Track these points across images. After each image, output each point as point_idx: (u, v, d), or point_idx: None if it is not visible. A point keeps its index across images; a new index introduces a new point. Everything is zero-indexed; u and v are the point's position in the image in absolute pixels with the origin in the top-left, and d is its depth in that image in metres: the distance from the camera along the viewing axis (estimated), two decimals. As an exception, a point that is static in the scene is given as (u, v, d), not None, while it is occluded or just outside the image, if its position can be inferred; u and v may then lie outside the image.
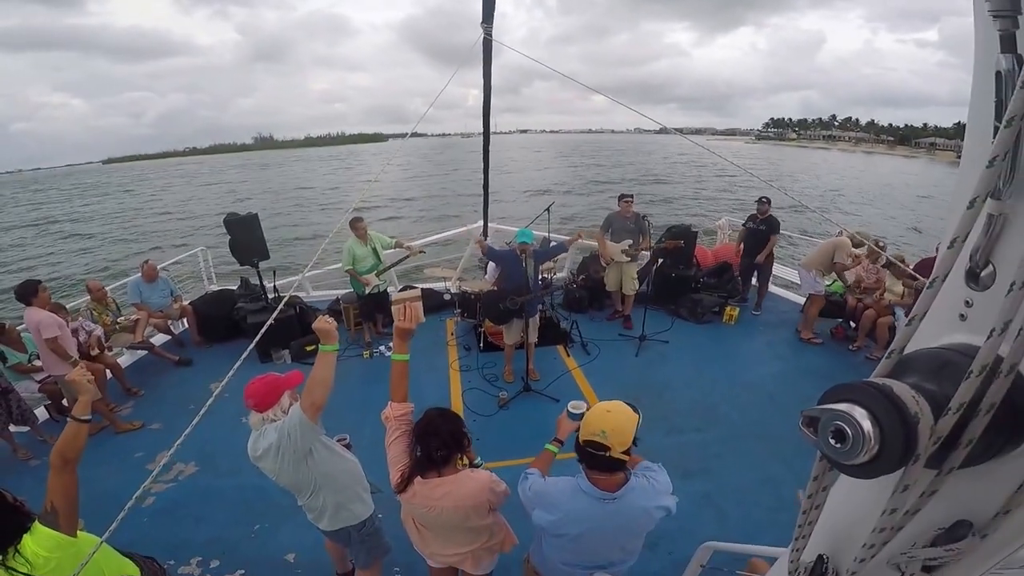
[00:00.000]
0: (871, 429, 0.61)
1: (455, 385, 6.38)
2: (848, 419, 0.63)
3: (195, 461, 4.97)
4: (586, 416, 2.22)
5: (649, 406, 5.77)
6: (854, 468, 0.64)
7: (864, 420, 0.62)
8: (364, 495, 3.04)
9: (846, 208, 33.68)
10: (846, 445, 0.63)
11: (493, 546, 2.76)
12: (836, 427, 0.64)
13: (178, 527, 4.24)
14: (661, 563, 3.64)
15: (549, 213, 7.25)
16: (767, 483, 4.58)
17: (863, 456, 0.62)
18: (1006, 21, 0.67)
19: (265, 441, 2.67)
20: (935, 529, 0.77)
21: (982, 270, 0.73)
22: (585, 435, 2.15)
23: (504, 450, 4.80)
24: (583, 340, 7.23)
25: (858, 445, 0.62)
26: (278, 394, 2.70)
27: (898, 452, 0.62)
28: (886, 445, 0.61)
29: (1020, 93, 0.61)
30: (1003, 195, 0.68)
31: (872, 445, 0.61)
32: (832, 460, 0.67)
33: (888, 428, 0.61)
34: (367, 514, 3.02)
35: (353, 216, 6.84)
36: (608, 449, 2.09)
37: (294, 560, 3.86)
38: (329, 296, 8.78)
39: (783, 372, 6.56)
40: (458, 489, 2.46)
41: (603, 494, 2.16)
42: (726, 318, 7.93)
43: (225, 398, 5.93)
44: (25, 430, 5.40)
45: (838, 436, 0.64)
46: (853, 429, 0.62)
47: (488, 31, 4.54)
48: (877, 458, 0.62)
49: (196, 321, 7.55)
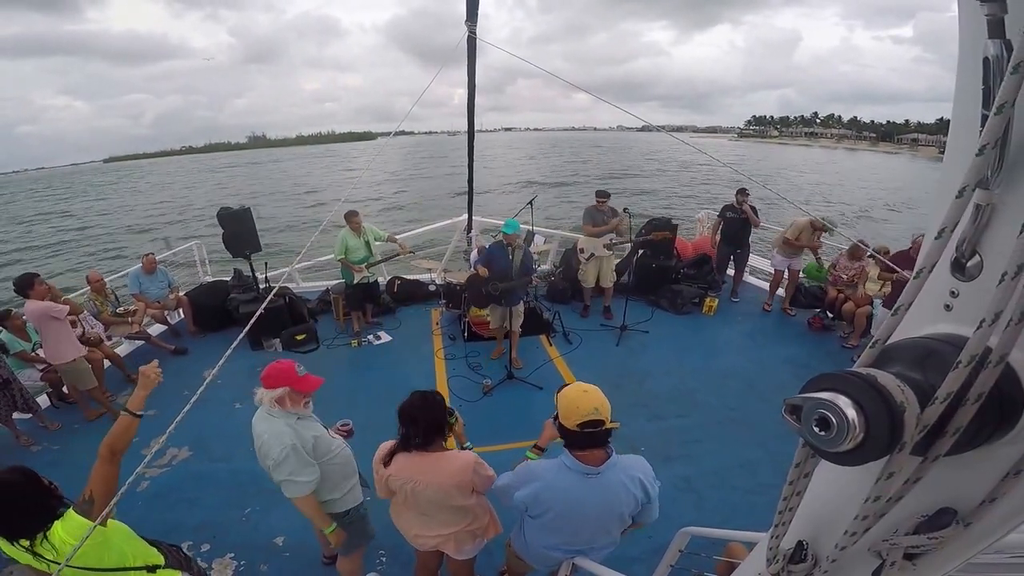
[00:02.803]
0: (856, 417, 0.59)
1: (440, 373, 6.35)
2: (832, 407, 0.60)
3: (188, 446, 4.93)
4: (568, 403, 2.19)
5: (631, 393, 5.93)
6: (838, 456, 0.61)
7: (848, 408, 0.59)
8: (350, 487, 2.95)
9: (822, 202, 34.07)
10: (830, 433, 0.60)
11: (476, 530, 2.73)
12: (820, 415, 0.61)
13: (171, 511, 4.19)
14: (640, 548, 3.61)
15: (532, 206, 7.23)
16: (745, 467, 4.60)
17: (847, 444, 0.59)
18: (993, 5, 0.63)
19: (258, 429, 2.67)
20: (918, 516, 0.74)
21: (968, 260, 0.70)
22: (578, 418, 2.13)
23: (489, 436, 4.75)
24: (565, 330, 7.21)
25: (843, 433, 0.59)
26: (278, 382, 2.62)
27: (884, 440, 0.59)
28: (871, 433, 0.59)
29: (1010, 79, 0.57)
30: (991, 184, 0.65)
31: (857, 433, 0.58)
32: (815, 447, 0.64)
33: (874, 416, 0.59)
34: (352, 504, 2.95)
35: (349, 209, 6.88)
36: (603, 422, 2.12)
37: (283, 543, 3.83)
38: (319, 287, 8.78)
39: (761, 360, 6.59)
40: (442, 466, 2.45)
41: (588, 469, 2.16)
42: (706, 309, 7.92)
43: (218, 385, 5.92)
44: (28, 417, 5.34)
45: (822, 424, 0.61)
46: (838, 417, 0.59)
47: (472, 29, 4.51)
48: (862, 446, 0.59)
49: (191, 311, 7.50)
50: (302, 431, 2.62)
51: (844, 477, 0.86)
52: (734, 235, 8.08)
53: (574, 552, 2.39)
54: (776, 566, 0.99)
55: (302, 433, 2.62)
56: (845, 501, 0.84)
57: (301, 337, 6.98)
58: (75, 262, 22.65)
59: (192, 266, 9.48)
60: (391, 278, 8.72)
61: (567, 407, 2.18)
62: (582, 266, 7.61)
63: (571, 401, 2.17)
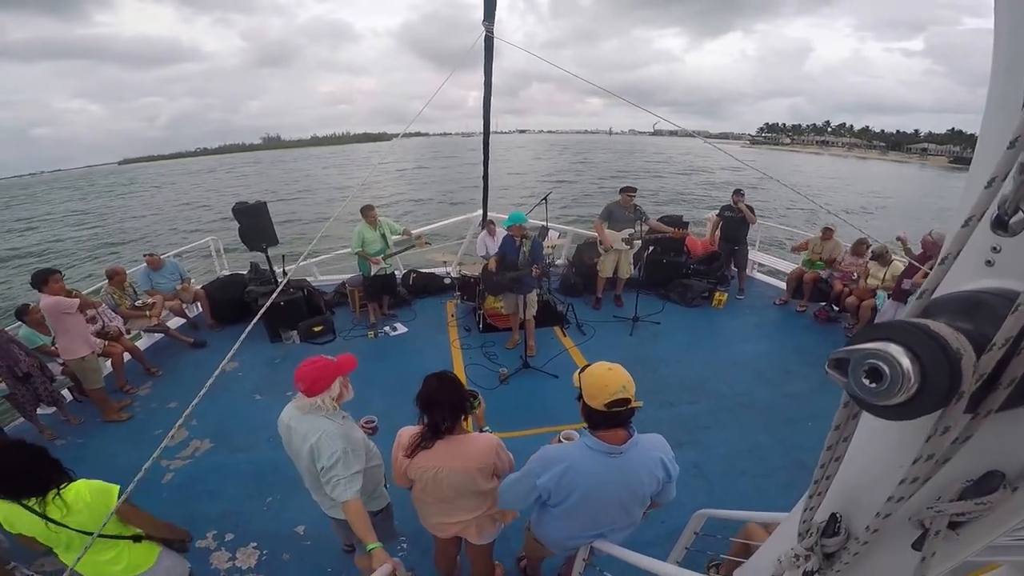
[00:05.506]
0: (910, 366, 0.55)
1: (457, 361, 6.37)
2: (884, 357, 0.56)
3: (210, 438, 4.93)
4: (594, 382, 2.07)
5: (643, 380, 5.75)
6: (889, 409, 0.58)
7: (902, 357, 0.55)
8: (380, 493, 2.89)
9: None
10: (882, 384, 0.56)
11: (496, 514, 2.70)
12: (870, 366, 0.58)
13: (195, 502, 4.20)
14: (655, 531, 3.58)
15: (547, 202, 7.21)
16: (753, 452, 4.59)
17: (900, 395, 0.56)
18: None
19: (303, 429, 2.46)
20: (963, 481, 0.70)
21: (1011, 217, 0.66)
22: (606, 397, 2.02)
23: (506, 422, 4.74)
24: (579, 321, 7.22)
25: (896, 383, 0.55)
26: (329, 380, 2.45)
27: (941, 390, 0.55)
28: (928, 383, 0.55)
29: None
30: None
31: (911, 383, 0.55)
32: (864, 402, 0.60)
33: (931, 365, 0.55)
34: (379, 507, 2.89)
35: (365, 204, 6.94)
36: (629, 400, 2.03)
37: (303, 532, 3.83)
38: (335, 280, 8.80)
39: (769, 349, 6.58)
40: (466, 449, 2.40)
41: (611, 448, 2.08)
42: (715, 302, 7.96)
43: (239, 377, 5.91)
44: (51, 411, 5.37)
45: (872, 375, 0.58)
46: (890, 367, 0.56)
47: (489, 29, 4.48)
48: (917, 397, 0.56)
49: (209, 305, 7.52)
50: (349, 431, 2.52)
51: (886, 440, 0.83)
52: (732, 233, 8.20)
53: (594, 536, 2.33)
54: (809, 540, 0.96)
55: (350, 434, 2.51)
56: (887, 466, 0.80)
57: (318, 329, 7.01)
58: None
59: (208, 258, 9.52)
60: (407, 271, 8.78)
61: (594, 386, 2.06)
62: (601, 257, 7.61)
63: (598, 379, 2.07)
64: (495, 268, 5.95)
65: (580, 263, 8.32)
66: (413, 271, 8.79)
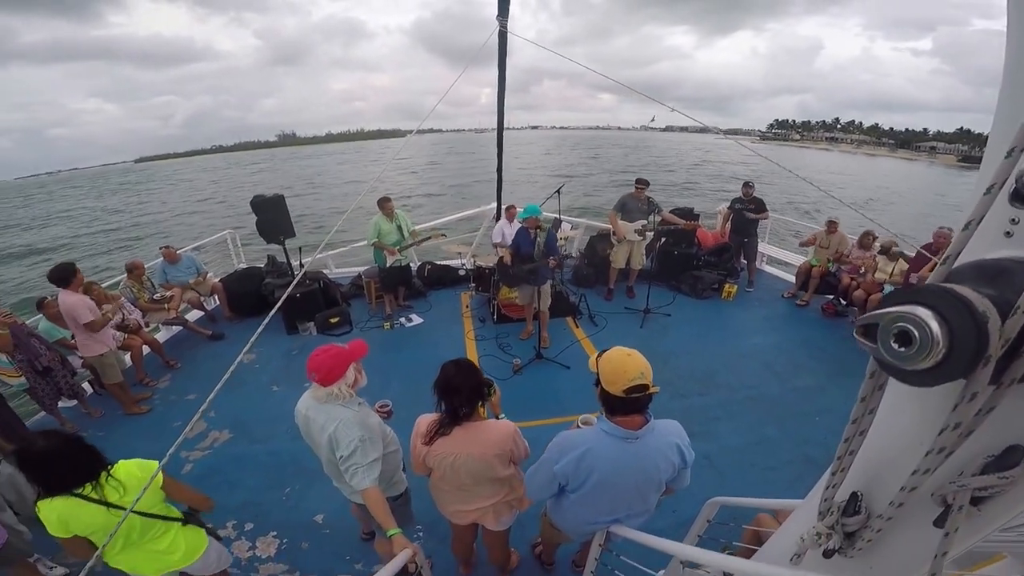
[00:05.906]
0: (938, 329, 0.55)
1: (471, 352, 6.40)
2: (913, 319, 0.56)
3: (229, 429, 4.97)
4: (613, 368, 2.05)
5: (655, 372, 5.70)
6: (917, 375, 0.58)
7: (931, 320, 0.56)
8: (398, 478, 2.89)
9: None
10: (911, 348, 0.57)
11: (512, 501, 2.71)
12: (900, 329, 0.58)
13: (214, 492, 4.17)
14: (666, 521, 3.58)
15: (559, 195, 7.20)
16: (762, 444, 4.59)
17: (930, 360, 0.56)
18: None
19: (321, 419, 2.46)
20: (984, 456, 0.71)
21: None
22: (625, 383, 2.00)
23: (520, 412, 4.73)
24: (591, 313, 7.24)
25: (925, 347, 0.56)
26: (344, 367, 2.43)
27: (969, 352, 0.56)
28: (956, 346, 0.55)
29: None
30: None
31: (940, 348, 0.55)
32: (892, 368, 0.61)
33: (959, 327, 0.55)
34: (397, 492, 2.89)
35: (382, 196, 7.00)
36: (647, 386, 2.02)
37: (322, 521, 3.86)
38: (351, 272, 8.88)
39: (778, 342, 6.56)
40: (484, 436, 2.41)
41: (627, 433, 2.08)
42: (725, 294, 7.95)
43: (256, 369, 5.95)
44: (72, 404, 5.41)
45: (902, 339, 0.58)
46: (920, 330, 0.56)
47: (503, 24, 4.48)
48: (946, 360, 0.56)
49: (226, 297, 7.57)
50: (366, 418, 2.52)
51: (911, 412, 0.83)
52: (743, 225, 8.18)
53: (611, 521, 2.34)
54: (830, 519, 0.96)
55: (367, 420, 2.51)
56: (913, 438, 0.81)
57: (335, 320, 7.05)
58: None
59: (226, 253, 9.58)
60: (422, 263, 8.83)
61: (612, 372, 2.04)
62: (613, 248, 7.62)
63: (617, 365, 2.04)
64: (510, 261, 5.98)
65: (593, 254, 8.34)
66: (428, 263, 8.84)
